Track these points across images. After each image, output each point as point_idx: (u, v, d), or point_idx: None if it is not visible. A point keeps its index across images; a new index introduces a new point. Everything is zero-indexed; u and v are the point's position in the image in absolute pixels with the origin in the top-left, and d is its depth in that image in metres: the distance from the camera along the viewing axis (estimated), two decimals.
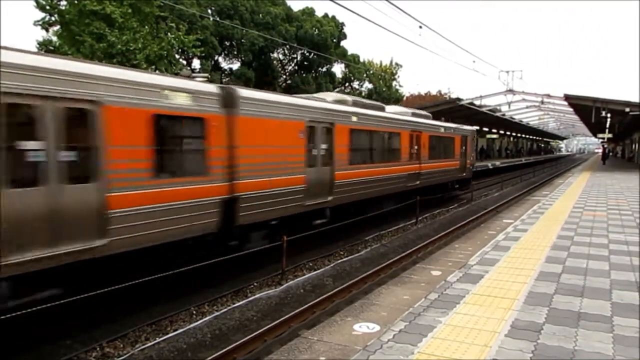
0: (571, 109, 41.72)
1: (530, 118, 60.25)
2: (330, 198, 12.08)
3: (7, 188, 5.60)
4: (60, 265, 6.16)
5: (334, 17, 42.87)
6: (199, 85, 8.59)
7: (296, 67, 44.07)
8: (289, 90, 38.10)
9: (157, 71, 18.92)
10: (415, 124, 17.70)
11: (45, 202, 5.97)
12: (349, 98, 14.58)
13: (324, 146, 11.88)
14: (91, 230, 6.49)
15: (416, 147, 17.49)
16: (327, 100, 13.16)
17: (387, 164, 15.24)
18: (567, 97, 33.06)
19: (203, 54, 31.14)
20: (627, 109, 28.51)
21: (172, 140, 8.13)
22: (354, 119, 13.29)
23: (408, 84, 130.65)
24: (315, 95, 15.03)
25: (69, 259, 6.25)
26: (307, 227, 11.22)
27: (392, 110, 17.25)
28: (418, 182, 17.63)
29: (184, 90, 8.00)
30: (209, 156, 8.42)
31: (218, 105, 8.62)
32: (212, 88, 8.74)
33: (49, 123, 6.02)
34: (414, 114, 18.85)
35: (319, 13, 42.38)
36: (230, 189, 8.89)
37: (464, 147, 23.30)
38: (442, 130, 20.79)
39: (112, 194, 6.71)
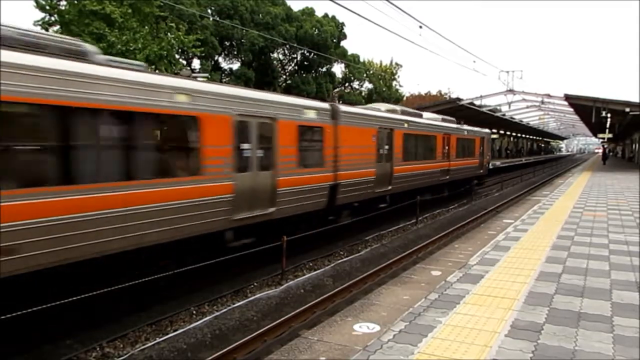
0: (571, 109, 41.71)
1: (531, 118, 60.20)
2: (390, 187, 15.22)
3: (236, 172, 8.84)
4: (254, 223, 9.40)
5: (334, 17, 42.92)
6: (321, 104, 12.35)
7: (296, 67, 44.10)
8: (288, 90, 38.09)
9: (157, 71, 18.90)
10: (446, 128, 20.57)
11: (250, 182, 9.26)
12: (398, 108, 17.84)
13: (386, 147, 14.95)
14: (269, 201, 9.80)
15: (447, 148, 20.44)
16: (381, 110, 16.09)
17: (427, 162, 18.32)
18: (567, 97, 33.06)
19: (203, 54, 31.14)
20: (627, 109, 28.53)
21: (306, 142, 11.32)
22: (405, 125, 16.42)
23: (408, 84, 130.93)
24: (371, 105, 18.61)
25: (258, 220, 9.54)
26: (374, 209, 14.40)
27: (427, 117, 20.04)
28: (447, 177, 20.64)
29: (313, 108, 11.53)
30: (324, 153, 11.81)
31: (329, 117, 12.04)
32: (327, 106, 12.30)
33: (252, 132, 9.38)
34: (443, 120, 21.44)
35: (319, 13, 42.44)
36: (335, 177, 12.10)
37: (482, 148, 26.21)
38: (466, 133, 23.51)
39: (279, 178, 10.01)
